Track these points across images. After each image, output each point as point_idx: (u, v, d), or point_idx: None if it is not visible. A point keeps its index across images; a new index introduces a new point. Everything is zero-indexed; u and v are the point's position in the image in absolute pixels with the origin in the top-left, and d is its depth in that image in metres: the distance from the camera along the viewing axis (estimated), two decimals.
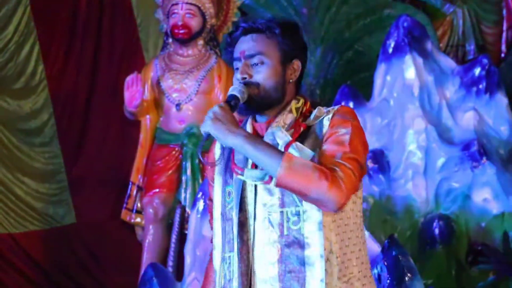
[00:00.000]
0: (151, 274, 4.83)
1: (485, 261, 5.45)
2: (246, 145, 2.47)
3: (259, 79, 2.57)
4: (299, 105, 2.61)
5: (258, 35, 2.60)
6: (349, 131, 2.51)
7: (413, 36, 5.98)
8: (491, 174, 5.59)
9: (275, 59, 2.59)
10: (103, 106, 6.72)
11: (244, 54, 2.58)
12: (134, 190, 5.84)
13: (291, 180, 2.43)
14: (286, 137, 2.52)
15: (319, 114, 2.56)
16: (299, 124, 2.57)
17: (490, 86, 5.97)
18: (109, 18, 6.86)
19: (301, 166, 2.43)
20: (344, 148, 2.49)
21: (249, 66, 2.58)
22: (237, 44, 2.62)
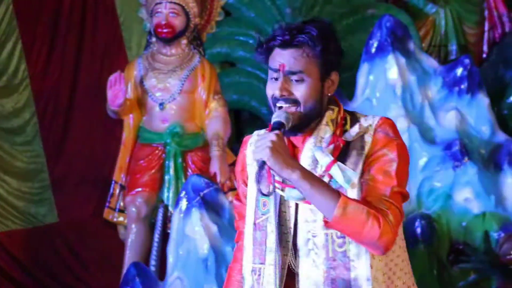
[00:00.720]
0: (133, 273, 4.82)
1: (466, 260, 5.48)
2: (302, 181, 2.42)
3: (299, 97, 2.51)
4: (334, 116, 2.57)
5: (299, 51, 2.52)
6: (396, 157, 2.48)
7: (395, 36, 6.00)
8: (473, 173, 5.62)
9: (314, 76, 2.53)
10: (86, 105, 6.70)
11: (284, 69, 2.51)
12: (117, 189, 5.82)
13: (345, 225, 2.42)
14: (327, 157, 2.49)
15: (359, 130, 2.52)
16: (338, 139, 2.53)
17: (472, 86, 6.01)
18: (92, 17, 6.84)
19: (355, 211, 2.40)
20: (391, 181, 2.47)
21: (288, 83, 2.52)
22: (275, 55, 2.54)
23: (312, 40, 2.51)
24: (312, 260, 2.52)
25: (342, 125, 2.56)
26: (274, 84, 2.53)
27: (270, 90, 2.55)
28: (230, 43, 7.06)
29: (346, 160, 2.50)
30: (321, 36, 2.52)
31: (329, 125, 2.56)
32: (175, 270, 4.85)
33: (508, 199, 5.70)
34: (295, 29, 2.53)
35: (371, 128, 2.53)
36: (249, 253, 2.64)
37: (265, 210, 2.59)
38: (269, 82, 2.57)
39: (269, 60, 2.56)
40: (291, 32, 2.53)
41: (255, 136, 2.72)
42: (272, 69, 2.54)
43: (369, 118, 2.58)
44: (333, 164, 2.47)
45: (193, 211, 4.81)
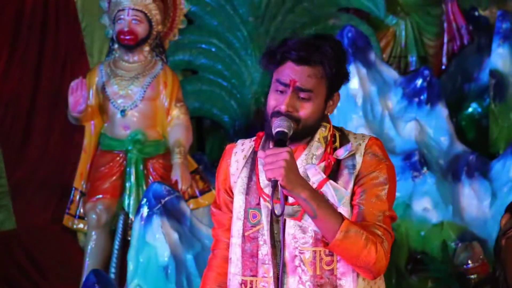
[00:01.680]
0: (93, 280, 4.79)
1: (425, 269, 5.53)
2: (310, 201, 2.43)
3: (303, 115, 2.52)
4: (326, 133, 2.59)
5: (313, 70, 2.51)
6: (387, 180, 2.54)
7: (357, 47, 6.05)
8: (431, 184, 5.68)
9: (321, 96, 2.55)
10: (46, 111, 6.64)
11: (295, 84, 2.51)
12: (77, 196, 5.79)
13: (344, 248, 2.45)
14: (319, 175, 2.51)
15: (351, 149, 2.54)
16: (329, 157, 2.55)
17: (431, 97, 6.07)
18: (54, 23, 6.79)
19: (355, 236, 2.43)
20: (384, 206, 2.52)
21: (295, 99, 2.51)
22: (287, 68, 2.52)
23: (328, 61, 2.51)
24: (299, 277, 2.54)
25: (332, 143, 2.58)
26: (279, 97, 2.53)
27: (274, 101, 2.54)
28: (193, 51, 7.06)
29: (338, 179, 2.54)
30: (336, 57, 2.53)
31: (321, 142, 2.57)
32: (135, 278, 4.83)
33: (465, 209, 5.77)
34: (312, 46, 2.52)
35: (361, 148, 2.56)
36: (237, 265, 2.63)
37: (255, 221, 2.59)
38: (273, 93, 2.55)
39: (278, 71, 2.54)
40: (308, 49, 2.51)
41: (239, 146, 2.71)
42: (280, 81, 2.53)
43: (359, 137, 2.62)
44: (325, 182, 2.50)
45: (154, 218, 4.80)
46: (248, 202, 2.60)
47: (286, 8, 7.14)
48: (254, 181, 2.57)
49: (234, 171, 2.67)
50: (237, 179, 2.65)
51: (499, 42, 6.68)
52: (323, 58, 2.51)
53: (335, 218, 2.44)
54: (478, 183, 5.84)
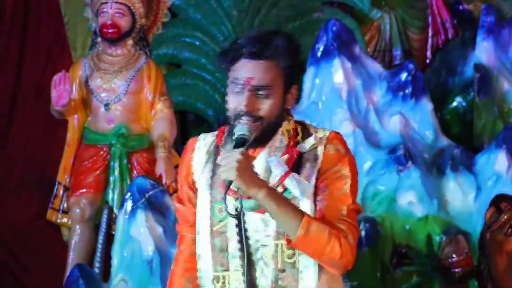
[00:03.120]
0: (77, 275, 4.78)
1: (409, 263, 5.54)
2: (268, 200, 2.43)
3: (264, 113, 2.50)
4: (289, 127, 2.58)
5: (268, 64, 2.49)
6: (349, 174, 2.53)
7: (341, 40, 6.05)
8: (416, 177, 5.68)
9: (279, 90, 2.52)
10: (29, 105, 6.60)
11: (251, 83, 2.48)
12: (60, 190, 5.76)
13: (307, 245, 2.44)
14: (282, 168, 2.49)
15: (314, 142, 2.54)
16: (292, 150, 2.54)
17: (416, 91, 6.08)
18: (35, 16, 6.74)
19: (317, 231, 2.43)
20: (347, 200, 2.51)
21: (254, 98, 2.49)
22: (241, 66, 2.50)
23: (282, 54, 2.49)
24: (261, 270, 2.54)
25: (295, 136, 2.57)
26: (238, 98, 2.50)
27: (233, 103, 2.52)
28: (176, 44, 7.03)
29: (300, 172, 2.52)
30: (290, 50, 2.50)
31: (284, 135, 2.56)
32: (120, 272, 4.81)
33: (450, 203, 5.78)
34: (264, 40, 2.49)
35: (322, 142, 2.55)
36: (207, 261, 2.61)
37: (222, 216, 2.57)
38: (231, 94, 2.52)
39: (233, 71, 2.52)
40: (260, 43, 2.48)
41: (201, 140, 2.69)
42: (236, 81, 2.50)
43: (320, 131, 2.60)
44: (287, 175, 2.49)
45: (138, 212, 4.79)
46: (214, 197, 2.59)
47: (270, 2, 7.12)
48: (217, 175, 2.55)
49: (196, 167, 2.65)
50: (201, 175, 2.63)
51: (484, 36, 6.69)
52: (276, 52, 2.48)
53: (296, 215, 2.44)
54: (463, 177, 5.85)
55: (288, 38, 2.53)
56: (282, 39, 2.50)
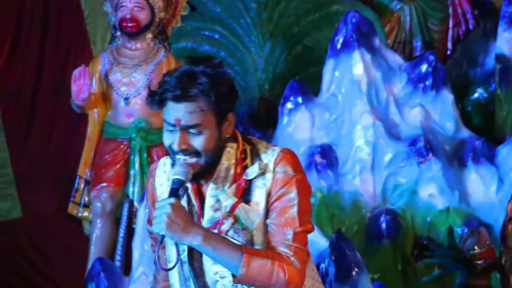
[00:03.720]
0: (98, 268, 4.80)
1: (431, 255, 5.51)
2: (204, 247, 2.45)
3: (199, 148, 2.51)
4: (232, 154, 2.56)
5: (193, 105, 2.48)
6: (296, 195, 2.53)
7: (361, 32, 6.01)
8: (437, 169, 5.65)
9: (212, 125, 2.51)
10: (50, 100, 6.64)
11: (180, 123, 2.49)
12: (81, 184, 5.80)
13: (252, 281, 2.48)
14: (231, 199, 2.51)
15: (260, 169, 2.53)
16: (239, 178, 2.55)
17: (436, 83, 6.04)
18: (56, 11, 6.78)
19: (259, 266, 2.46)
20: (294, 223, 2.53)
21: (186, 136, 2.50)
22: (169, 108, 2.50)
23: (205, 92, 2.47)
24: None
25: (243, 160, 2.57)
26: (171, 136, 2.52)
27: (167, 140, 2.53)
28: (196, 38, 7.04)
29: (250, 200, 2.54)
30: (213, 85, 2.48)
31: (229, 164, 2.56)
32: (140, 265, 4.83)
33: (471, 194, 5.75)
34: (186, 82, 2.48)
35: (270, 165, 2.55)
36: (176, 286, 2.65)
37: (182, 247, 2.61)
38: (165, 131, 2.54)
39: (164, 112, 2.52)
40: (182, 86, 2.47)
41: (161, 167, 2.70)
42: (167, 122, 2.51)
43: (269, 152, 2.58)
44: (237, 206, 2.51)
45: None
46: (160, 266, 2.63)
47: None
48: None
49: (160, 194, 2.68)
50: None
51: (505, 26, 6.63)
52: (199, 91, 2.47)
53: (235, 254, 2.46)
54: (484, 169, 5.81)
55: (212, 71, 2.50)
56: (204, 74, 2.48)
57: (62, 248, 6.41)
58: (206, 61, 2.53)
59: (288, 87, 6.03)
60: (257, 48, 7.01)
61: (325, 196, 5.62)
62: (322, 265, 4.37)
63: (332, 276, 4.33)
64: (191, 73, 2.50)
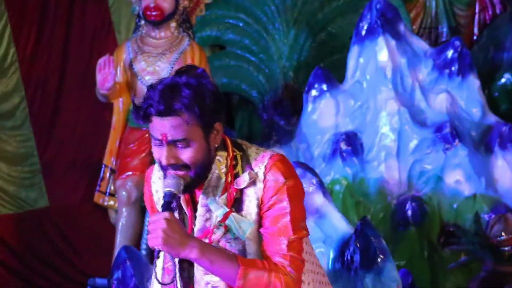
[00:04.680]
0: (124, 257, 4.81)
1: (457, 242, 5.49)
2: (201, 260, 2.45)
3: (188, 161, 2.48)
4: (223, 163, 2.55)
5: (178, 119, 2.44)
6: (288, 203, 2.52)
7: (386, 18, 5.98)
8: (463, 156, 5.62)
9: (199, 137, 2.48)
10: (75, 89, 6.68)
11: (166, 138, 2.46)
12: (107, 173, 5.82)
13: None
14: (222, 209, 2.50)
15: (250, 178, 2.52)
16: (230, 187, 2.53)
17: (463, 68, 5.99)
18: (81, 0, 6.81)
19: (256, 278, 2.47)
20: (287, 232, 2.52)
21: (173, 150, 2.47)
22: (155, 123, 2.46)
23: (188, 107, 2.44)
24: None
25: (233, 168, 2.55)
26: (160, 150, 2.49)
27: (156, 154, 2.51)
28: (220, 26, 7.03)
29: (242, 209, 2.53)
30: (195, 97, 2.45)
31: (220, 173, 2.54)
32: None
33: (498, 180, 5.71)
34: (169, 96, 2.44)
35: (260, 174, 2.54)
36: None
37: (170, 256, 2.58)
38: (154, 146, 2.51)
39: (150, 127, 2.50)
40: (166, 101, 2.43)
41: (156, 173, 2.67)
42: (154, 137, 2.49)
43: (259, 159, 2.56)
44: (228, 215, 2.50)
45: None
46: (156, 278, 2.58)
47: None
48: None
49: (157, 199, 2.66)
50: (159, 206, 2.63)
51: None
52: (183, 105, 2.43)
53: (231, 266, 2.46)
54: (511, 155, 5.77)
55: (194, 86, 2.47)
56: (187, 90, 2.45)
57: (89, 237, 6.46)
58: (189, 71, 2.50)
59: (313, 74, 6.02)
60: (281, 35, 7.00)
61: (350, 183, 5.61)
62: (347, 252, 4.36)
63: (357, 263, 4.32)
64: (174, 85, 2.45)
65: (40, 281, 6.40)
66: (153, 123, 2.47)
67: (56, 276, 6.43)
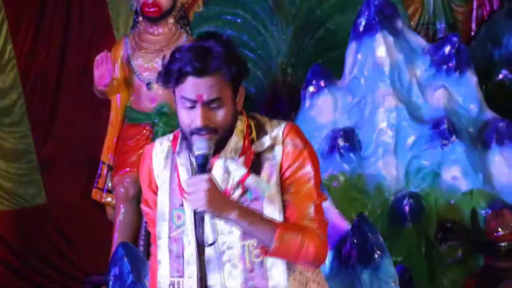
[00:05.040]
0: (121, 253, 4.81)
1: (454, 238, 5.50)
2: (240, 221, 2.46)
3: (219, 123, 2.49)
4: (242, 127, 2.56)
5: (215, 78, 2.46)
6: (311, 169, 2.55)
7: (384, 15, 5.98)
8: (460, 152, 5.63)
9: (229, 98, 2.50)
10: (73, 85, 6.68)
11: (202, 98, 2.46)
12: (104, 170, 5.82)
13: (283, 254, 2.50)
14: (240, 170, 2.51)
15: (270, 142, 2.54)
16: (249, 150, 2.54)
17: (460, 65, 6.00)
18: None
19: (291, 240, 2.49)
20: (313, 197, 2.56)
21: (208, 111, 2.47)
22: (188, 84, 2.46)
23: (225, 64, 2.45)
24: (229, 272, 2.55)
25: (249, 134, 2.57)
26: (191, 113, 2.48)
27: (186, 119, 2.49)
28: (218, 22, 7.03)
29: (260, 172, 2.53)
30: (231, 57, 2.48)
31: (238, 136, 2.55)
32: None
33: (495, 176, 5.72)
34: (205, 54, 2.45)
35: (278, 138, 2.56)
36: (166, 267, 2.62)
37: (179, 222, 2.58)
38: (183, 109, 2.49)
39: (180, 89, 2.48)
40: (202, 58, 2.44)
41: (158, 146, 2.67)
42: (186, 98, 2.47)
43: (275, 125, 2.59)
44: (247, 176, 2.50)
45: None
46: (172, 203, 2.59)
47: None
48: (175, 182, 2.57)
49: (158, 173, 2.65)
50: (161, 181, 2.63)
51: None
52: (220, 63, 2.45)
53: (268, 228, 2.47)
54: (508, 151, 5.78)
55: (226, 45, 2.49)
56: (221, 49, 2.46)
57: (86, 233, 6.46)
58: (213, 35, 2.51)
59: (311, 70, 6.02)
60: (279, 32, 7.00)
61: (348, 179, 5.61)
62: (344, 248, 4.37)
63: (354, 259, 4.33)
64: (205, 47, 2.46)
65: (37, 278, 6.41)
66: (186, 84, 2.46)
67: (54, 272, 6.44)
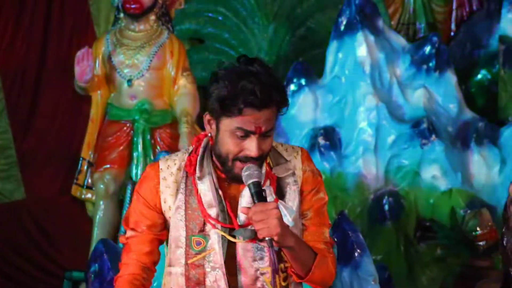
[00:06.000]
0: (101, 250, 4.80)
1: (433, 236, 5.54)
2: (295, 247, 2.46)
3: (267, 151, 2.49)
4: None
5: (272, 111, 2.43)
6: (324, 195, 2.62)
7: (364, 14, 6.01)
8: (440, 151, 5.67)
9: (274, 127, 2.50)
10: (54, 81, 6.65)
11: (261, 131, 2.42)
12: (84, 166, 5.81)
13: (317, 278, 2.55)
14: (271, 196, 2.49)
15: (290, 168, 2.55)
16: (272, 175, 2.54)
17: (440, 64, 6.04)
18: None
19: (324, 265, 2.55)
20: (327, 221, 2.63)
21: (261, 141, 2.45)
22: (248, 115, 2.40)
23: (281, 100, 2.45)
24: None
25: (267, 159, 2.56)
26: (242, 143, 2.44)
27: (236, 147, 2.45)
28: (199, 19, 7.02)
29: (284, 196, 2.54)
30: (284, 92, 2.47)
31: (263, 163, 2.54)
32: None
33: (474, 176, 5.76)
34: (267, 86, 2.42)
35: (298, 163, 2.58)
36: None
37: (199, 248, 2.53)
38: (232, 137, 2.44)
39: (238, 119, 2.42)
40: (267, 91, 2.41)
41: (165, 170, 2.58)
42: (243, 129, 2.42)
43: (290, 150, 2.60)
44: (276, 203, 2.46)
45: None
46: (190, 229, 2.54)
47: None
48: (193, 207, 2.53)
49: (165, 197, 2.57)
50: (173, 206, 2.56)
51: (509, 7, 6.61)
52: (281, 96, 2.45)
53: (311, 254, 2.52)
54: (487, 150, 5.82)
55: (280, 81, 2.50)
56: (278, 84, 2.46)
57: (66, 229, 6.43)
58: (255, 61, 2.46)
59: (292, 69, 6.03)
60: (260, 30, 7.00)
61: (328, 177, 5.63)
62: None
63: None
64: (266, 77, 2.43)
65: (16, 274, 6.37)
66: (245, 116, 2.41)
67: (33, 268, 6.40)
